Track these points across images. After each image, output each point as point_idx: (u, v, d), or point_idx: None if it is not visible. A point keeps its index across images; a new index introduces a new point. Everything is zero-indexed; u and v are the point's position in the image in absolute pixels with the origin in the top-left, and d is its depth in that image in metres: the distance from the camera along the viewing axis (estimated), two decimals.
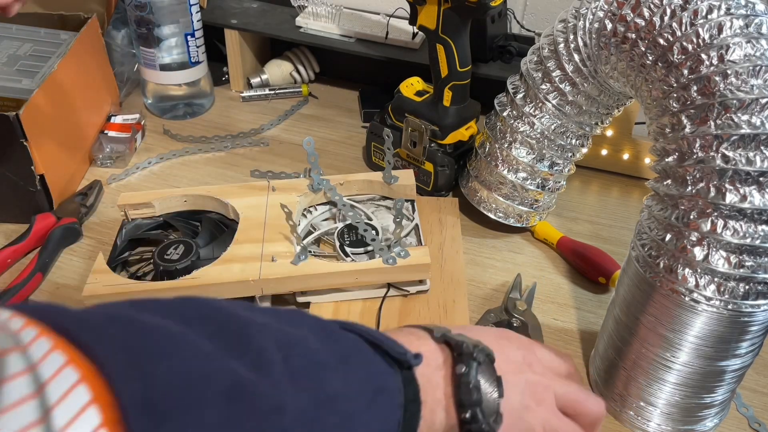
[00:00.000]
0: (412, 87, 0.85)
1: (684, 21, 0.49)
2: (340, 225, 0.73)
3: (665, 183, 0.51)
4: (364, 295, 0.67)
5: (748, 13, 0.47)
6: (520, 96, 0.70)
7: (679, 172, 0.49)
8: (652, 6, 0.52)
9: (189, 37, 0.92)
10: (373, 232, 0.69)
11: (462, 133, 0.81)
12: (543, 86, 0.67)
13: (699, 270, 0.48)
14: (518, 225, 0.78)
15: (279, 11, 1.05)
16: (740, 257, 0.47)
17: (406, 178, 0.78)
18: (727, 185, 0.46)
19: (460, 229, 0.78)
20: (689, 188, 0.48)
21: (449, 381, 0.37)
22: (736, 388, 0.56)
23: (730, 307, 0.48)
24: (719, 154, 0.46)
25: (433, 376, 0.37)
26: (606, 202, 0.87)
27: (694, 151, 0.48)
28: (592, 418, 0.42)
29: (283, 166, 0.89)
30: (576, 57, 0.63)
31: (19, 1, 0.64)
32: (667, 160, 0.50)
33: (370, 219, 0.74)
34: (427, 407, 0.36)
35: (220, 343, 0.30)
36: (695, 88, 0.48)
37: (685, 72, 0.48)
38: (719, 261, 0.47)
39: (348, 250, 0.69)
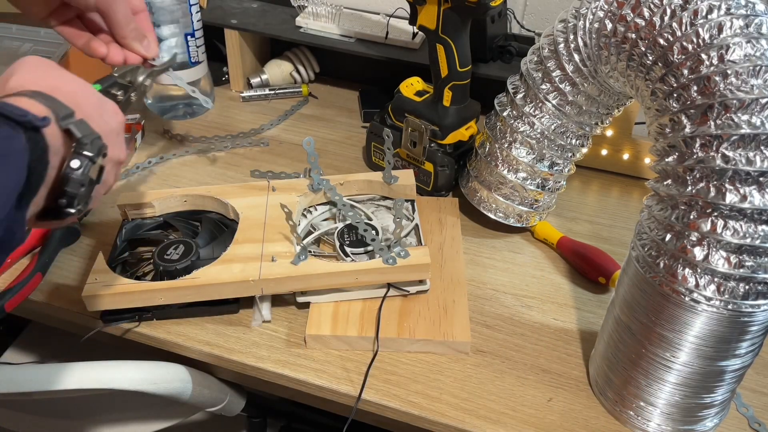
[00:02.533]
0: (412, 87, 0.85)
1: (684, 21, 0.49)
2: (340, 225, 0.73)
3: (665, 183, 0.51)
4: (364, 295, 0.67)
5: (748, 13, 0.47)
6: (520, 96, 0.70)
7: (679, 172, 0.49)
8: (652, 6, 0.52)
9: (189, 37, 0.92)
10: (373, 232, 0.69)
11: (462, 133, 0.81)
12: (543, 86, 0.67)
13: (699, 270, 0.48)
14: (518, 225, 0.78)
15: (279, 11, 1.05)
16: (740, 257, 0.47)
17: (406, 178, 0.77)
18: (727, 185, 0.46)
19: (460, 229, 0.78)
20: (689, 188, 0.48)
21: (61, 164, 0.40)
22: (736, 388, 0.56)
23: (730, 307, 0.48)
24: (719, 154, 0.46)
25: (53, 160, 0.39)
26: (606, 202, 0.87)
27: (694, 151, 0.48)
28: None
29: (283, 166, 0.89)
30: (576, 57, 0.63)
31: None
32: (667, 160, 0.50)
33: (370, 219, 0.74)
34: (52, 167, 0.38)
35: None
36: (695, 88, 0.48)
37: (685, 72, 0.48)
38: (719, 261, 0.47)
39: (348, 250, 0.69)
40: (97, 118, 0.44)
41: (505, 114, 0.72)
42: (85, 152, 0.40)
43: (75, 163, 0.40)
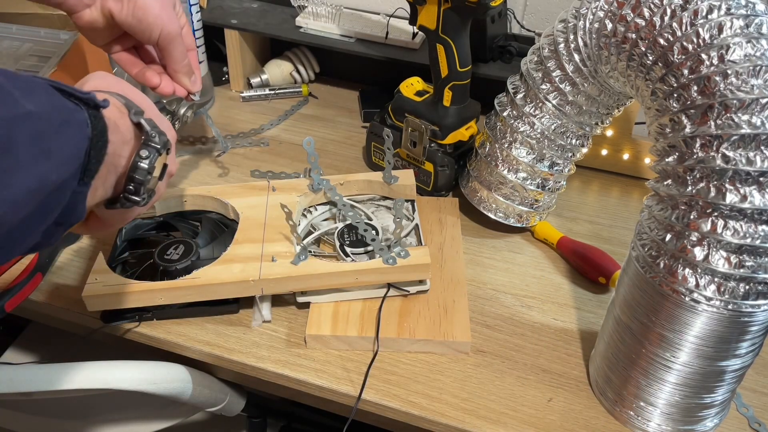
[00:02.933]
0: (412, 87, 0.85)
1: (684, 21, 0.49)
2: (340, 225, 0.72)
3: (665, 183, 0.51)
4: (364, 295, 0.67)
5: (748, 13, 0.47)
6: (520, 96, 0.70)
7: (679, 172, 0.49)
8: (652, 6, 0.52)
9: None
10: (373, 232, 0.69)
11: (462, 133, 0.81)
12: (543, 86, 0.67)
13: (699, 270, 0.48)
14: (518, 225, 0.78)
15: (279, 11, 1.05)
16: (740, 257, 0.47)
17: (406, 178, 0.78)
18: (727, 185, 0.46)
19: (460, 229, 0.78)
20: (689, 188, 0.48)
21: (131, 155, 0.44)
22: (736, 388, 0.56)
23: (730, 307, 0.48)
24: (719, 154, 0.46)
25: (122, 148, 0.43)
26: (606, 202, 0.87)
27: (694, 151, 0.48)
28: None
29: (283, 166, 0.89)
30: (576, 57, 0.63)
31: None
32: (667, 160, 0.50)
33: (370, 219, 0.74)
34: (112, 147, 0.41)
35: None
36: (695, 88, 0.48)
37: (686, 72, 0.48)
38: (719, 261, 0.47)
39: (348, 250, 0.69)
40: (158, 125, 0.48)
41: (505, 114, 0.72)
42: (153, 144, 0.45)
43: (144, 153, 0.44)
